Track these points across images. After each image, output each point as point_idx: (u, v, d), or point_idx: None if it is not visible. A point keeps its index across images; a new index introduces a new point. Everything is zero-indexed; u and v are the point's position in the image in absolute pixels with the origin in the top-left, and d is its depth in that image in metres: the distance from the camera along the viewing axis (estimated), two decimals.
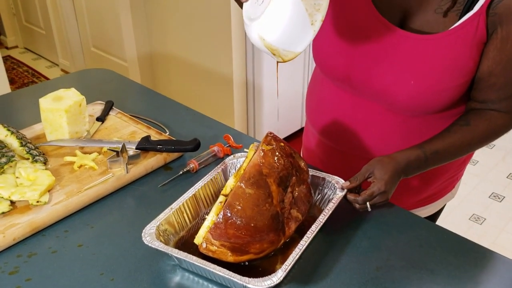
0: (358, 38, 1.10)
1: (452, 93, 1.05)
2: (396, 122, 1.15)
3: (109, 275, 0.96)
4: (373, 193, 1.01)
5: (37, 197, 1.09)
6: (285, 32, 0.86)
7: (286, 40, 0.87)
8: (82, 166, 1.24)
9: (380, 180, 1.01)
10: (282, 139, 1.01)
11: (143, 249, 1.02)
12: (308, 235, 0.93)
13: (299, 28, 0.86)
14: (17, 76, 4.53)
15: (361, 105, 1.17)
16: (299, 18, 0.85)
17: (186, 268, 0.97)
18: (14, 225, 1.04)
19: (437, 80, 1.04)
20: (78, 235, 1.07)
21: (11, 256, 1.01)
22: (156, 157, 1.28)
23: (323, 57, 1.18)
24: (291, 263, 0.87)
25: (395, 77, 1.07)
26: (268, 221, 0.92)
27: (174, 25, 3.15)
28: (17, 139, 1.25)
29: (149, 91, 1.79)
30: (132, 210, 1.16)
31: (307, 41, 0.88)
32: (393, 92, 1.08)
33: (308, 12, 0.85)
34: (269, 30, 0.87)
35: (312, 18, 0.86)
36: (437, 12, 1.02)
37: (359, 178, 1.04)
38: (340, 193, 1.05)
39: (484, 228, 2.64)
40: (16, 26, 5.03)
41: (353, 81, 1.13)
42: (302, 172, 1.01)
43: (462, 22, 0.99)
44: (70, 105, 1.31)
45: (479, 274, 0.98)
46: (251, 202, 0.91)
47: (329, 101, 1.24)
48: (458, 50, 1.01)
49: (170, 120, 1.50)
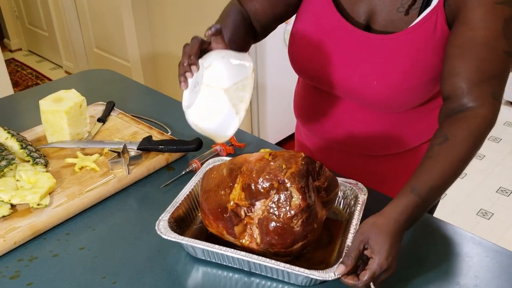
0: (324, 42, 1.11)
1: (419, 91, 1.04)
2: (373, 118, 1.15)
3: (111, 278, 0.95)
4: (374, 273, 0.83)
5: (38, 200, 1.07)
6: (213, 121, 0.95)
7: (215, 127, 0.96)
8: (83, 168, 1.23)
9: (380, 254, 0.83)
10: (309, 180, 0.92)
11: (145, 252, 1.01)
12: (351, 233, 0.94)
13: (226, 117, 0.94)
14: (21, 78, 4.53)
15: (340, 103, 1.18)
16: (224, 109, 0.93)
17: (214, 260, 0.97)
18: (15, 229, 1.03)
19: (400, 79, 1.03)
20: (80, 238, 1.05)
21: (12, 260, 1.00)
22: (158, 158, 1.26)
23: (295, 61, 1.19)
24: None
25: (359, 78, 1.08)
26: (215, 205, 0.95)
27: (176, 25, 3.14)
28: (17, 142, 1.24)
29: (151, 91, 1.77)
30: (134, 211, 1.14)
31: (235, 127, 0.95)
32: (360, 93, 1.09)
33: (233, 103, 0.93)
34: (200, 118, 0.97)
35: (237, 108, 0.93)
36: (399, 11, 1.03)
37: (352, 255, 0.86)
38: (361, 198, 1.03)
39: (492, 223, 2.62)
40: (19, 29, 5.03)
41: (323, 82, 1.15)
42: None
43: (420, 19, 1.00)
44: (70, 106, 1.29)
45: (486, 270, 0.96)
46: (217, 179, 0.96)
47: (311, 99, 1.25)
48: (419, 47, 1.01)
49: (172, 120, 1.49)
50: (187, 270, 0.97)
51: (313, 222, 0.91)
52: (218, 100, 0.93)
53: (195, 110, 0.97)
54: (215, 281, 0.94)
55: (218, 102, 0.93)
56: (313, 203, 0.91)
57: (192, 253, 0.98)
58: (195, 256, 0.98)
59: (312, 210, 0.90)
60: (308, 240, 0.91)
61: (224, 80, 0.93)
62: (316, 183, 0.94)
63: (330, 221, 1.05)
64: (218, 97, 0.93)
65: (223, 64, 0.94)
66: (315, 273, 0.86)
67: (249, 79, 0.94)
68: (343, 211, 1.09)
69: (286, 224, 0.88)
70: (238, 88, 0.93)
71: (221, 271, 0.96)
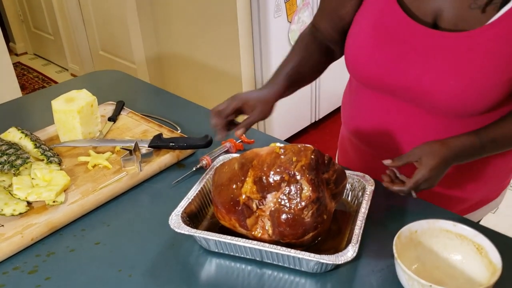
0: (389, 44, 1.06)
1: (495, 91, 0.99)
2: (436, 126, 1.09)
3: (127, 271, 0.97)
4: (417, 181, 0.97)
5: (53, 197, 1.10)
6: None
7: None
8: (96, 166, 1.26)
9: (426, 166, 0.97)
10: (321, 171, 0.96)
11: (159, 246, 1.03)
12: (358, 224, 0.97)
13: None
14: (27, 82, 4.57)
15: (399, 110, 1.12)
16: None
17: (227, 252, 0.99)
18: (32, 225, 1.05)
19: (477, 77, 0.98)
20: (95, 233, 1.08)
21: (30, 255, 1.02)
22: (169, 155, 1.28)
23: (356, 67, 1.13)
24: (357, 241, 0.93)
25: (432, 78, 1.02)
26: (227, 198, 0.97)
27: (181, 26, 3.16)
28: (31, 141, 1.26)
29: (159, 90, 1.80)
30: (147, 207, 1.17)
31: None
32: (432, 94, 1.03)
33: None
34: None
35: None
36: (472, 7, 0.97)
37: (403, 159, 1.01)
38: (369, 189, 1.06)
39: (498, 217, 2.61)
40: (24, 33, 5.08)
41: (390, 87, 1.09)
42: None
43: (501, 15, 0.94)
44: (82, 106, 1.32)
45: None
46: (229, 174, 0.99)
47: (366, 107, 1.20)
48: (499, 45, 0.96)
49: (181, 118, 1.51)
50: (201, 262, 0.99)
51: (323, 213, 0.93)
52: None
53: None
54: (228, 272, 0.97)
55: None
56: (323, 195, 0.93)
57: (205, 246, 1.00)
58: (208, 248, 1.01)
59: (322, 202, 0.92)
60: (318, 231, 0.93)
61: None
62: (325, 175, 0.96)
63: (339, 213, 1.07)
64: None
65: None
66: (325, 258, 0.88)
67: None
68: (351, 202, 1.11)
69: (297, 215, 0.90)
70: None
71: (234, 263, 0.98)
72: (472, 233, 0.92)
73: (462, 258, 0.94)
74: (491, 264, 0.87)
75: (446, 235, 0.95)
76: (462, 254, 0.94)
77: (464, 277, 0.92)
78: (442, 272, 0.94)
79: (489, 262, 0.88)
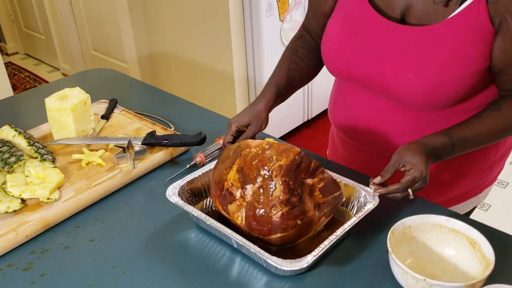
0: (357, 37, 1.10)
1: (457, 85, 1.01)
2: (407, 119, 1.12)
3: (122, 268, 0.97)
4: (414, 178, 0.95)
5: (48, 195, 1.10)
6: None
7: None
8: (90, 163, 1.26)
9: (419, 165, 0.96)
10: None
11: (154, 241, 1.03)
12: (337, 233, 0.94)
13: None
14: (19, 82, 4.55)
15: (371, 102, 1.15)
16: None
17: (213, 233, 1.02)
18: (26, 223, 1.05)
19: (437, 72, 1.01)
20: (89, 230, 1.08)
21: (24, 252, 1.02)
22: (162, 152, 1.29)
23: (327, 59, 1.18)
24: (321, 250, 0.91)
25: (394, 72, 1.05)
26: (217, 179, 1.00)
27: (173, 25, 3.16)
28: (25, 139, 1.26)
29: (152, 88, 1.80)
30: (140, 204, 1.17)
31: None
32: (394, 88, 1.06)
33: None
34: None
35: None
36: (436, 2, 1.00)
37: (390, 170, 0.98)
38: (371, 202, 1.01)
39: (489, 215, 2.65)
40: (15, 33, 5.05)
41: (357, 80, 1.13)
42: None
43: (460, 10, 0.97)
44: (75, 103, 1.32)
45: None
46: (225, 156, 1.02)
47: (343, 100, 1.24)
48: (458, 39, 0.98)
49: (174, 116, 1.52)
50: (195, 258, 0.99)
51: (297, 218, 0.92)
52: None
53: None
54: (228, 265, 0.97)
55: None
56: (299, 200, 0.92)
57: (195, 221, 1.05)
58: (198, 224, 1.04)
59: (296, 206, 0.92)
60: (289, 233, 0.93)
61: None
62: (308, 180, 0.96)
63: (338, 223, 1.02)
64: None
65: None
66: (274, 259, 0.88)
67: None
68: (350, 212, 1.08)
69: (265, 213, 0.91)
70: None
71: (233, 261, 0.99)
72: (465, 228, 0.93)
73: (456, 253, 0.95)
74: (484, 258, 0.88)
75: (439, 230, 0.96)
76: (455, 249, 0.95)
77: (457, 271, 0.93)
78: (435, 267, 0.95)
79: (482, 256, 0.89)
